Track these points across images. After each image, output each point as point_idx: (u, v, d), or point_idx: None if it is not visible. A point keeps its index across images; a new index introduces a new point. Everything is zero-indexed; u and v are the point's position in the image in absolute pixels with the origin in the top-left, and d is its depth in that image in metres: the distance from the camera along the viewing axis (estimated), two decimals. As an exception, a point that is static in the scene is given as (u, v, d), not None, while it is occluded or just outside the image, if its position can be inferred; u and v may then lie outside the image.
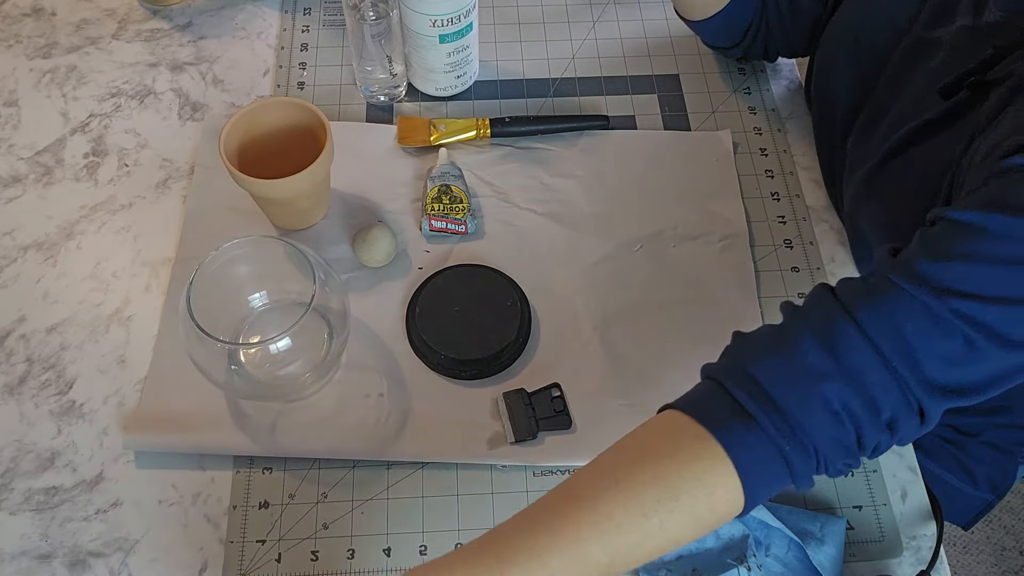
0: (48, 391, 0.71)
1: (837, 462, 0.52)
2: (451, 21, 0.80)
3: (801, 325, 0.52)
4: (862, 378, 0.50)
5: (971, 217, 0.50)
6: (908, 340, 0.49)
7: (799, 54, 0.88)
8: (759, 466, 0.50)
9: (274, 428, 0.68)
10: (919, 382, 0.50)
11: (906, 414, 0.51)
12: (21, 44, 0.93)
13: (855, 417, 0.50)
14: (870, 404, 0.50)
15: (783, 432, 0.50)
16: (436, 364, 0.71)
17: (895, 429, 0.51)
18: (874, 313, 0.50)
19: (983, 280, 0.49)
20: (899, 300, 0.50)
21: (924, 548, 0.66)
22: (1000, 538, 1.44)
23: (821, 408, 0.50)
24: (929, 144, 0.63)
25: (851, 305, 0.51)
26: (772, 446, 0.50)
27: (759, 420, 0.50)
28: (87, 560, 0.64)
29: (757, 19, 0.82)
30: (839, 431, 0.50)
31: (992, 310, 0.49)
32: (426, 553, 0.65)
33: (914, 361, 0.49)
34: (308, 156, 0.70)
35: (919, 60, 0.67)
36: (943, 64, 0.64)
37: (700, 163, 0.85)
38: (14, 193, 0.82)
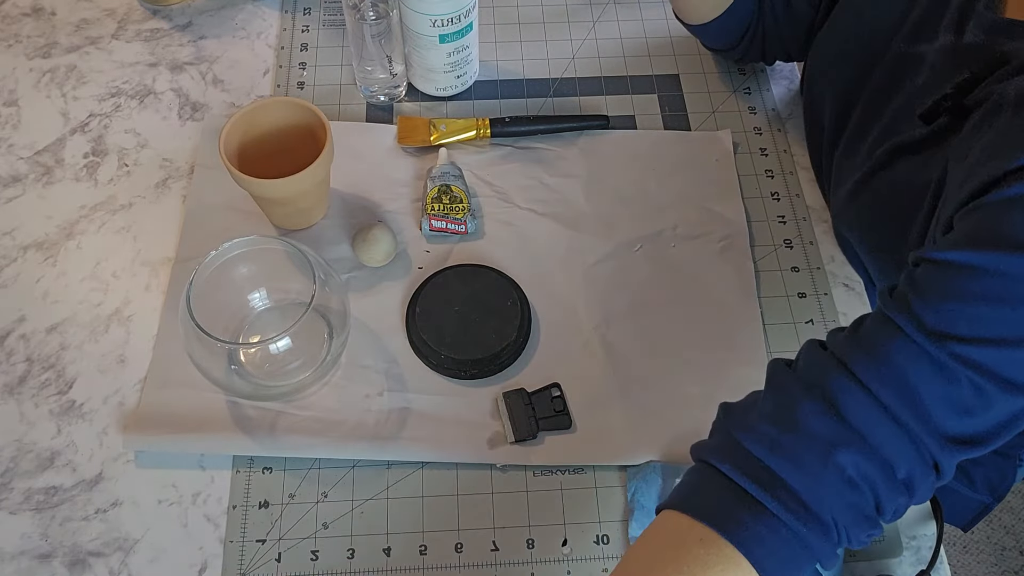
0: (48, 391, 0.71)
1: (860, 534, 0.49)
2: (451, 21, 0.80)
3: (796, 388, 0.50)
4: (872, 439, 0.47)
5: (955, 256, 0.48)
6: (914, 391, 0.47)
7: (795, 58, 0.88)
8: (777, 557, 0.47)
9: (274, 428, 0.68)
10: (930, 433, 0.48)
11: (923, 470, 0.48)
12: (21, 44, 0.93)
13: (871, 481, 0.48)
14: (884, 465, 0.48)
15: (797, 515, 0.47)
16: (436, 364, 0.71)
17: (912, 488, 0.49)
18: (872, 364, 0.48)
19: (977, 322, 0.47)
20: (897, 347, 0.48)
21: (924, 548, 0.66)
22: (1000, 538, 1.44)
23: (835, 478, 0.47)
24: (909, 164, 0.62)
25: (847, 358, 0.49)
26: (787, 532, 0.47)
27: (769, 507, 0.47)
28: (87, 560, 0.64)
29: (754, 23, 0.83)
30: (857, 499, 0.48)
31: (991, 353, 0.46)
32: (426, 553, 0.65)
33: (923, 411, 0.47)
34: (308, 156, 0.70)
35: (902, 76, 0.65)
36: (925, 84, 0.62)
37: (700, 163, 0.85)
38: (14, 193, 0.82)
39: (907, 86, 0.64)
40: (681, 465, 0.67)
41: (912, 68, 0.64)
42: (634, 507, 0.66)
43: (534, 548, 0.65)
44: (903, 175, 0.62)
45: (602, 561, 0.65)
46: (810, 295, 0.77)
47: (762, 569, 0.47)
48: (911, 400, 0.47)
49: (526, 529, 0.66)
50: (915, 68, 0.64)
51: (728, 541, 0.47)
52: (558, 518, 0.67)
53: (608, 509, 0.67)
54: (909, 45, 0.65)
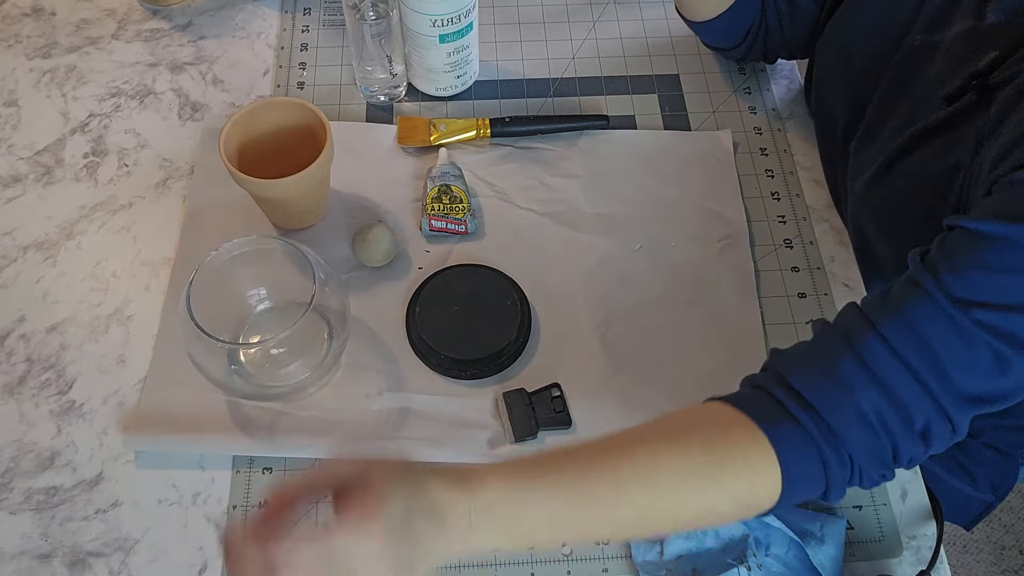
0: (48, 391, 0.71)
1: (872, 472, 0.53)
2: (451, 21, 0.80)
3: (833, 339, 0.54)
4: (895, 391, 0.51)
5: (988, 227, 0.50)
6: (935, 353, 0.50)
7: (797, 56, 0.88)
8: (800, 465, 0.51)
9: (274, 428, 0.68)
10: (948, 392, 0.51)
11: (939, 423, 0.52)
12: (21, 44, 0.93)
13: (889, 428, 0.51)
14: (903, 414, 0.51)
15: (826, 438, 0.51)
16: (436, 364, 0.71)
17: (929, 439, 0.52)
18: (899, 326, 0.51)
19: (1003, 290, 0.49)
20: (924, 311, 0.51)
21: (924, 548, 0.66)
22: (1000, 538, 1.44)
23: (856, 418, 0.51)
24: (932, 149, 0.63)
25: (876, 319, 0.52)
26: (813, 447, 0.51)
27: (802, 422, 0.51)
28: (87, 560, 0.64)
29: (757, 23, 0.83)
30: (874, 441, 0.51)
31: (1015, 320, 0.49)
32: (426, 553, 0.65)
33: (943, 373, 0.50)
34: (308, 156, 0.70)
35: (918, 66, 0.67)
36: (943, 70, 0.64)
37: (700, 163, 0.85)
38: (14, 193, 0.82)
39: (924, 75, 0.65)
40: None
41: (928, 57, 0.65)
42: (634, 507, 0.66)
43: (534, 548, 0.65)
44: (925, 160, 0.63)
45: (602, 561, 0.65)
46: (810, 295, 0.77)
47: (786, 467, 0.51)
48: (932, 361, 0.50)
49: (526, 529, 0.66)
50: (931, 57, 0.65)
51: (763, 433, 0.51)
52: (558, 518, 0.67)
53: (608, 509, 0.67)
54: (926, 35, 0.66)
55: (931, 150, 0.63)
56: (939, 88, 0.62)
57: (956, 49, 0.63)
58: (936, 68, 0.64)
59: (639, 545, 0.64)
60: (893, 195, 0.67)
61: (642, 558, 0.64)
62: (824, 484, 0.53)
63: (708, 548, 0.63)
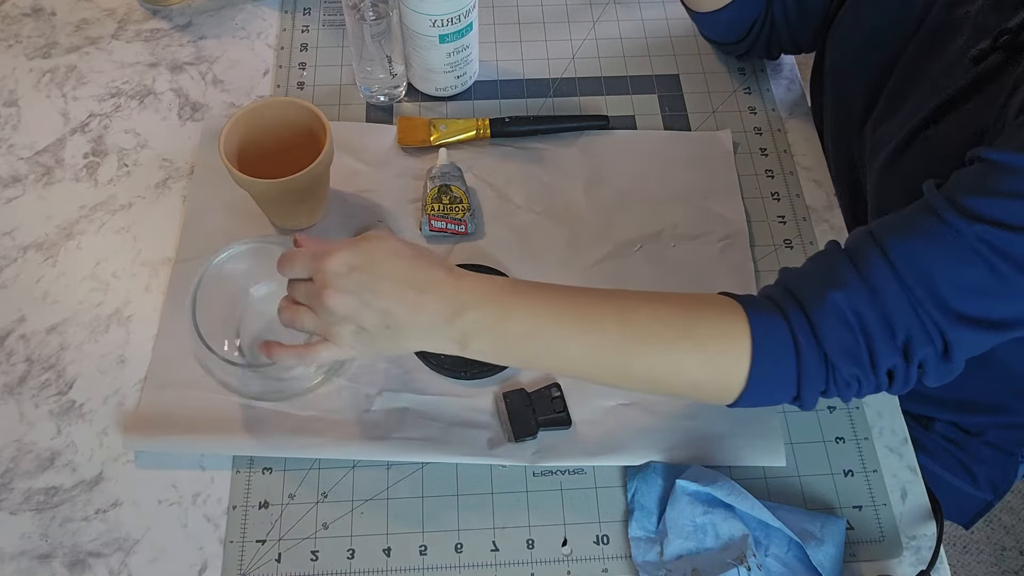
0: (48, 391, 0.71)
1: (845, 371, 0.54)
2: (451, 21, 0.80)
3: (837, 249, 0.57)
4: (878, 296, 0.52)
5: (1008, 159, 0.51)
6: (930, 267, 0.52)
7: (804, 50, 0.88)
8: (772, 346, 0.54)
9: (274, 428, 0.68)
10: (937, 306, 0.52)
11: (922, 339, 0.53)
12: (21, 44, 0.93)
13: (867, 329, 0.53)
14: (883, 321, 0.53)
15: (801, 327, 0.54)
16: (436, 364, 0.71)
17: (911, 354, 0.53)
18: (899, 240, 0.53)
19: (1014, 213, 0.50)
20: (927, 228, 0.53)
21: (924, 548, 0.66)
22: (1000, 538, 1.44)
23: (834, 313, 0.53)
24: (961, 113, 0.63)
25: (880, 235, 0.54)
26: (788, 333, 0.54)
27: (785, 310, 0.55)
28: (87, 560, 0.64)
29: (762, 16, 0.82)
30: (849, 337, 0.53)
31: (1020, 241, 0.50)
32: (426, 553, 0.65)
33: (931, 285, 0.52)
34: (308, 156, 0.70)
35: (942, 41, 0.67)
36: (969, 39, 0.64)
37: (700, 163, 0.85)
38: (14, 193, 0.82)
39: (949, 48, 0.66)
40: (681, 465, 0.67)
41: (952, 32, 0.66)
42: (634, 507, 0.66)
43: (534, 548, 0.65)
44: (954, 125, 0.63)
45: (602, 561, 0.65)
46: (810, 295, 0.77)
47: (757, 346, 0.54)
48: (925, 275, 0.52)
49: (526, 529, 0.66)
50: (956, 30, 0.65)
51: (745, 313, 0.55)
52: (558, 518, 0.67)
53: (608, 509, 0.67)
54: (948, 12, 0.67)
55: (960, 114, 0.63)
56: (965, 55, 0.63)
57: (982, 20, 0.63)
58: (962, 40, 0.64)
59: (639, 545, 0.64)
60: (919, 165, 0.66)
61: (642, 558, 0.64)
62: (794, 377, 0.55)
63: (708, 548, 0.63)
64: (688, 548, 0.63)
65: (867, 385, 0.55)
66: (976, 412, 0.83)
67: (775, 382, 0.56)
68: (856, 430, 0.71)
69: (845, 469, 0.69)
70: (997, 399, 0.80)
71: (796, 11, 0.82)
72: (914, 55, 0.70)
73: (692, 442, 0.69)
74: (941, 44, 0.67)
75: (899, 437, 0.71)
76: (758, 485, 0.68)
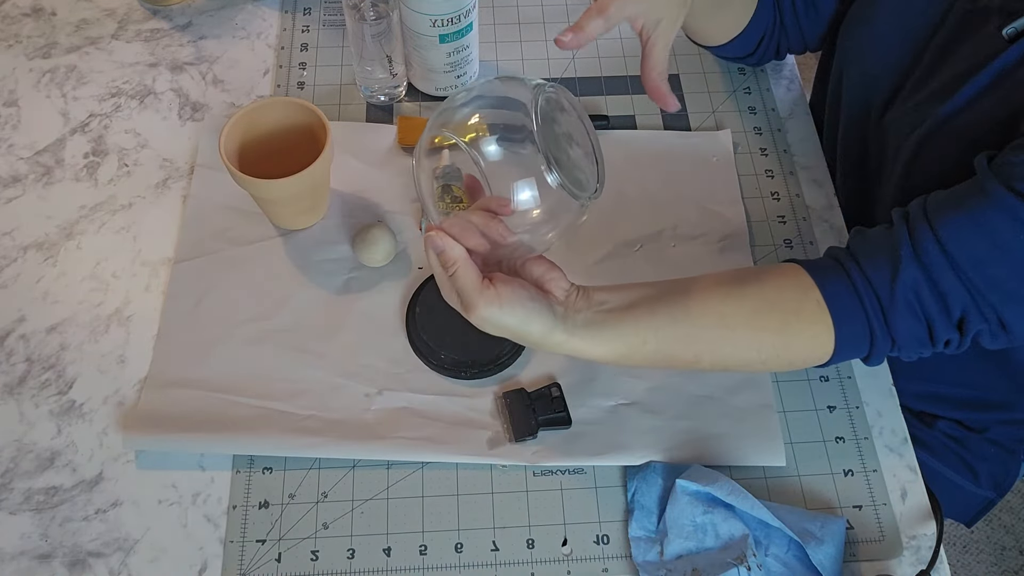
0: (48, 391, 0.71)
1: (909, 351, 0.60)
2: (451, 21, 0.80)
3: (901, 225, 0.59)
4: (936, 282, 0.56)
5: None
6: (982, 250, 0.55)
7: (810, 50, 0.88)
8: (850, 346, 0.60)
9: (274, 427, 0.68)
10: (992, 290, 0.55)
11: (976, 317, 0.57)
12: (21, 44, 0.93)
13: (928, 314, 0.57)
14: (942, 303, 0.57)
15: (876, 315, 0.59)
16: (436, 364, 0.71)
17: (966, 329, 0.58)
18: (953, 226, 0.56)
19: None
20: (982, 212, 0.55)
21: (924, 548, 0.66)
22: (1000, 538, 1.44)
23: (904, 304, 0.58)
24: (998, 91, 0.64)
25: (935, 218, 0.57)
26: (865, 324, 0.59)
27: (862, 300, 0.59)
28: (87, 560, 0.64)
29: (771, 27, 0.83)
30: (915, 325, 0.58)
31: None
32: (426, 553, 0.65)
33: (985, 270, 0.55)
34: (308, 156, 0.70)
35: (971, 28, 0.67)
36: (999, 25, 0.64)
37: (700, 163, 0.85)
38: (14, 193, 0.82)
39: (976, 35, 0.66)
40: (681, 465, 0.67)
41: (980, 19, 0.66)
42: (634, 507, 0.66)
43: (534, 548, 0.65)
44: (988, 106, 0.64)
45: (602, 561, 0.65)
46: (810, 295, 0.77)
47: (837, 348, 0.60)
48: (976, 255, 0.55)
49: (526, 529, 0.66)
50: (983, 18, 0.66)
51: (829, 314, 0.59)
52: (558, 518, 0.67)
53: (608, 509, 0.67)
54: (974, 2, 0.67)
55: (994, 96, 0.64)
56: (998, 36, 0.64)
57: (1009, 4, 0.64)
58: (992, 26, 0.65)
59: (639, 545, 0.64)
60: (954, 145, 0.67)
61: (642, 558, 0.64)
62: (868, 348, 0.60)
63: (708, 548, 0.63)
64: (688, 548, 0.63)
65: (926, 353, 0.61)
66: (982, 409, 0.83)
67: (849, 356, 0.62)
68: (856, 430, 0.71)
69: (845, 469, 0.69)
70: (1005, 396, 0.80)
71: (807, 15, 0.82)
72: (942, 44, 0.70)
73: (692, 442, 0.69)
74: (970, 32, 0.67)
75: (899, 437, 0.71)
76: (758, 485, 0.68)
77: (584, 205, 0.61)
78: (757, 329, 0.60)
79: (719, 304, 0.60)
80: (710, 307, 0.60)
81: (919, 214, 0.58)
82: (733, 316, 0.60)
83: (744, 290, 0.61)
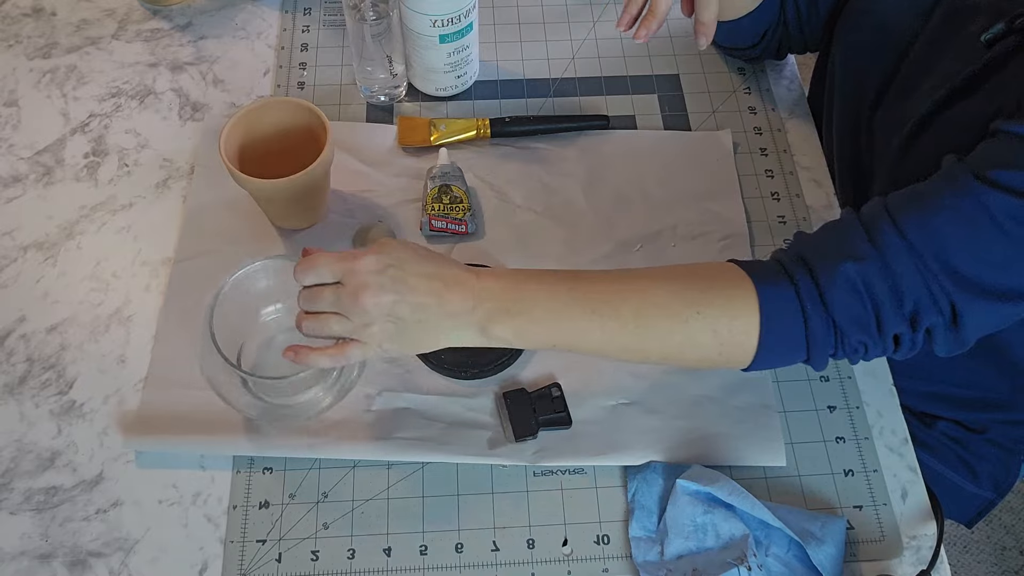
0: (48, 391, 0.71)
1: (853, 338, 0.57)
2: (451, 21, 0.80)
3: (851, 218, 0.58)
4: (888, 265, 0.54)
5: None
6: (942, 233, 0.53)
7: (810, 50, 0.88)
8: (781, 317, 0.57)
9: (274, 428, 0.68)
10: (948, 275, 0.53)
11: (929, 307, 0.55)
12: (21, 44, 0.93)
13: (875, 296, 0.55)
14: (892, 289, 0.55)
15: (810, 294, 0.56)
16: (436, 364, 0.71)
17: (918, 322, 0.55)
18: (914, 210, 0.55)
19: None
20: (944, 198, 0.54)
21: (924, 548, 0.66)
22: (1000, 538, 1.44)
23: (843, 279, 0.55)
24: (977, 95, 0.63)
25: (894, 205, 0.56)
26: (795, 301, 0.56)
27: (794, 278, 0.57)
28: (87, 560, 0.64)
29: (775, 22, 0.83)
30: (856, 303, 0.55)
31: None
32: (426, 553, 0.65)
33: (944, 254, 0.53)
34: (308, 156, 0.70)
35: (956, 26, 0.67)
36: (983, 25, 0.64)
37: (700, 163, 0.85)
38: (14, 193, 0.82)
39: (961, 34, 0.67)
40: (681, 465, 0.67)
41: (966, 17, 0.66)
42: (634, 507, 0.66)
43: (534, 548, 0.65)
44: (968, 108, 0.64)
45: (602, 561, 0.65)
46: (810, 295, 0.77)
47: (766, 317, 0.56)
48: (935, 239, 0.54)
49: (526, 529, 0.66)
50: (969, 16, 0.66)
51: (753, 283, 0.57)
52: (558, 518, 0.67)
53: (608, 509, 0.67)
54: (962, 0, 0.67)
55: (973, 99, 0.64)
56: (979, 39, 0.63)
57: (996, 4, 0.64)
58: (977, 25, 0.65)
59: (639, 545, 0.64)
60: (934, 147, 0.67)
61: (642, 558, 0.64)
62: (804, 341, 0.57)
63: (708, 548, 0.63)
64: (688, 548, 0.63)
65: (874, 350, 0.58)
66: (982, 409, 0.83)
67: (785, 348, 0.58)
68: (856, 430, 0.71)
69: (845, 469, 0.69)
70: (1004, 396, 0.80)
71: (808, 13, 0.82)
72: (928, 41, 0.70)
73: (692, 442, 0.69)
74: (955, 29, 0.67)
75: (899, 437, 0.71)
76: (758, 485, 0.68)
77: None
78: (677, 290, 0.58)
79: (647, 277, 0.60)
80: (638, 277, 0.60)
81: (877, 209, 0.57)
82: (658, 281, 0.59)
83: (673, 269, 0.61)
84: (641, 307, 0.58)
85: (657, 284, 0.59)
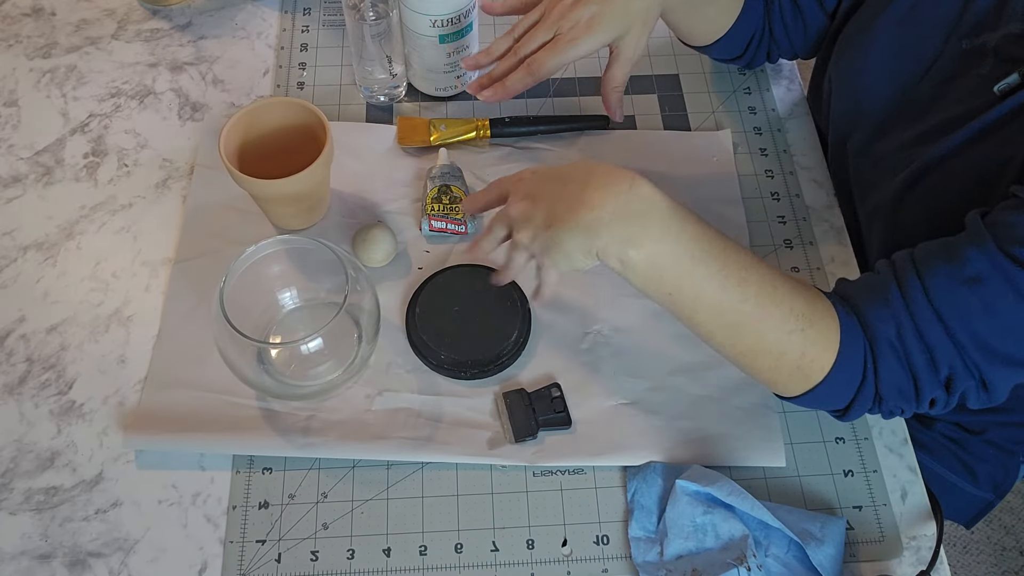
0: (48, 391, 0.71)
1: (890, 402, 0.59)
2: (451, 21, 0.80)
3: (889, 277, 0.59)
4: (924, 336, 0.56)
5: None
6: (971, 308, 0.55)
7: (802, 57, 0.88)
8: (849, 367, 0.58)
9: (274, 428, 0.68)
10: (979, 349, 0.55)
11: (963, 375, 0.57)
12: (21, 44, 0.93)
13: (913, 366, 0.57)
14: (928, 358, 0.57)
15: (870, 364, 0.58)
16: (436, 364, 0.71)
17: (953, 388, 0.57)
18: (945, 283, 0.56)
19: None
20: (974, 269, 0.55)
21: (924, 548, 0.66)
22: (1000, 538, 1.44)
23: (889, 351, 0.57)
24: (989, 143, 0.64)
25: (921, 265, 0.57)
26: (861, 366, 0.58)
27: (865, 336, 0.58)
28: (87, 560, 0.64)
29: (760, 31, 0.83)
30: (900, 375, 0.58)
31: None
32: (426, 553, 0.65)
33: (973, 328, 0.55)
34: (308, 156, 0.70)
35: (967, 67, 0.67)
36: (994, 69, 0.64)
37: (700, 163, 0.85)
38: (14, 193, 0.82)
39: (974, 74, 0.66)
40: (681, 465, 0.67)
41: (974, 60, 0.66)
42: (634, 507, 0.66)
43: (534, 548, 0.65)
44: (981, 156, 0.64)
45: (602, 561, 0.65)
46: (810, 295, 0.77)
47: (839, 361, 0.58)
48: (964, 313, 0.55)
49: (526, 529, 0.66)
50: (978, 59, 0.66)
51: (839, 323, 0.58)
52: (558, 518, 0.67)
53: (608, 509, 0.67)
54: (971, 40, 0.67)
55: (986, 147, 0.64)
56: (990, 85, 0.64)
57: (1007, 48, 0.64)
58: (987, 68, 0.65)
59: (639, 545, 0.64)
60: (943, 188, 0.67)
61: (642, 558, 0.64)
62: (850, 400, 0.60)
63: (708, 548, 0.63)
64: (688, 548, 0.63)
65: (909, 411, 0.61)
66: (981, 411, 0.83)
67: (831, 398, 0.61)
68: (856, 430, 0.71)
69: (845, 469, 0.69)
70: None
71: (795, 25, 0.82)
72: (936, 82, 0.70)
73: (692, 442, 0.69)
74: (963, 70, 0.67)
75: (899, 437, 0.71)
76: (758, 485, 0.68)
77: None
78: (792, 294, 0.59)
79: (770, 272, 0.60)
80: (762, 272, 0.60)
81: (907, 265, 0.58)
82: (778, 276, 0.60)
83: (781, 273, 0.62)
84: (763, 296, 0.58)
85: (777, 279, 0.59)
